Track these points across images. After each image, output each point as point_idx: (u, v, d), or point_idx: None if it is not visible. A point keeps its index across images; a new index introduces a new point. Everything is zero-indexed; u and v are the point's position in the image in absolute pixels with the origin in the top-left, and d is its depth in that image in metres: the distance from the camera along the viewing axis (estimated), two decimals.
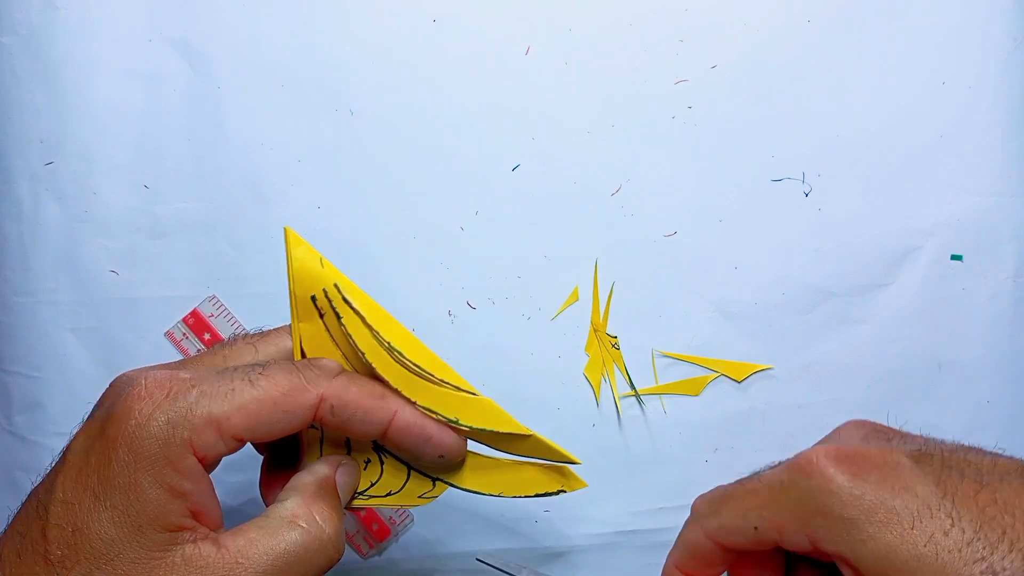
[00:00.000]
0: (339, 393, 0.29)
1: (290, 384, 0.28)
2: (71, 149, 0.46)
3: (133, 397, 0.27)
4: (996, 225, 0.44)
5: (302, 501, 0.29)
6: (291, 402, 0.28)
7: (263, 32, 0.46)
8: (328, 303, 0.31)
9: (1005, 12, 0.44)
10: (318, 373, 0.29)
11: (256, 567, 0.26)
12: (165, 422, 0.26)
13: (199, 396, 0.27)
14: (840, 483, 0.26)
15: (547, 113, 0.45)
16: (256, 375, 0.28)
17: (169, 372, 0.28)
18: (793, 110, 0.45)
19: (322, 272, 0.31)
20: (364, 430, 0.30)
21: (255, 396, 0.27)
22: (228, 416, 0.27)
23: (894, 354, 0.44)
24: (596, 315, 0.45)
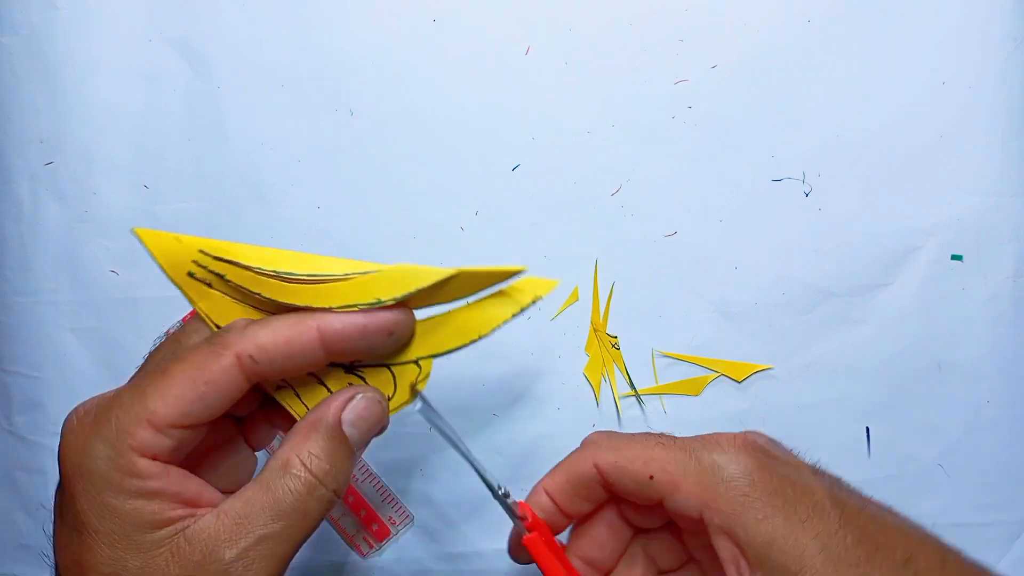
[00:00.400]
0: (252, 342, 0.28)
1: (201, 357, 0.27)
2: (71, 149, 0.46)
3: (67, 432, 0.27)
4: (996, 225, 0.44)
5: (291, 444, 0.28)
6: (207, 372, 0.27)
7: (263, 32, 0.46)
8: (205, 270, 0.30)
9: (1005, 12, 0.44)
10: (226, 335, 0.28)
11: (257, 524, 0.26)
12: (102, 443, 0.26)
13: (119, 406, 0.27)
14: (751, 464, 0.28)
15: (547, 113, 0.45)
16: (167, 362, 0.28)
17: (96, 397, 0.28)
18: (793, 110, 0.45)
19: (182, 247, 0.30)
20: (303, 361, 0.29)
21: (170, 381, 0.27)
22: (153, 410, 0.26)
23: (894, 354, 0.44)
24: (596, 315, 0.45)
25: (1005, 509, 0.44)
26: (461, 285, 0.31)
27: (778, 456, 0.30)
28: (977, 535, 0.44)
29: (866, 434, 0.45)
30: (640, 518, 0.33)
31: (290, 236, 0.45)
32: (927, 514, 0.44)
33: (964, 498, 0.44)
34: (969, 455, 0.44)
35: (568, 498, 0.32)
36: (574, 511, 0.33)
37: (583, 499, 0.32)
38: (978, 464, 0.44)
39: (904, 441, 0.44)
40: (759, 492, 0.28)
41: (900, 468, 0.44)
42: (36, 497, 0.46)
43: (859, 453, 0.44)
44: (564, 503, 0.32)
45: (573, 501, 0.32)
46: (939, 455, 0.44)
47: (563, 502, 0.32)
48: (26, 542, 0.46)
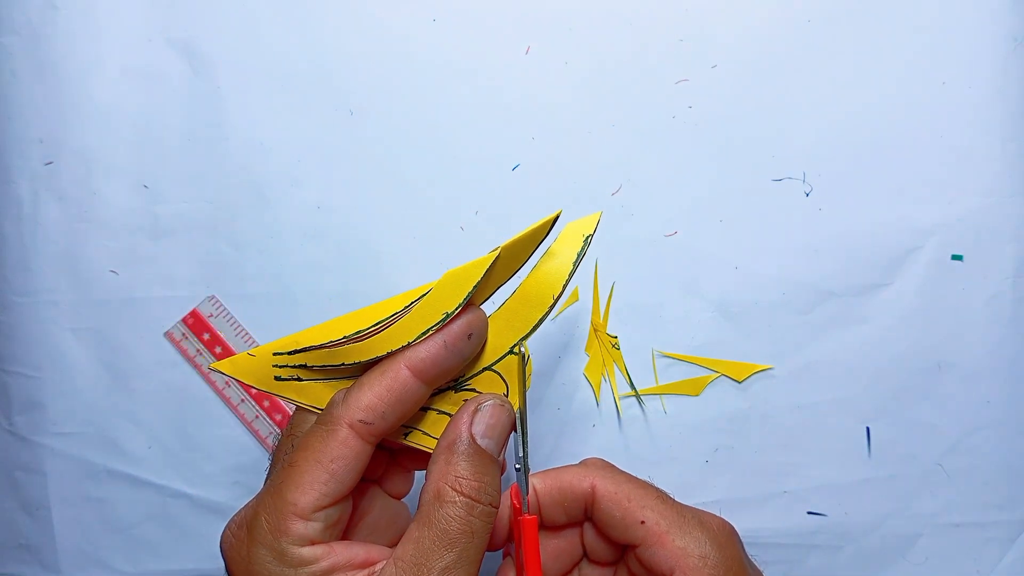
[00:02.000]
0: (357, 406, 0.29)
1: (318, 439, 0.29)
2: (71, 149, 0.46)
3: (228, 550, 0.29)
4: (996, 225, 0.44)
5: (436, 474, 0.29)
6: (329, 451, 0.29)
7: (263, 32, 0.46)
8: (287, 368, 0.31)
9: (1005, 12, 0.44)
10: (332, 410, 0.30)
11: (434, 559, 0.27)
12: (262, 548, 0.28)
13: (264, 510, 0.28)
14: (731, 555, 0.31)
15: (547, 113, 0.45)
16: (291, 455, 0.29)
17: (241, 511, 0.30)
18: (793, 110, 0.45)
19: (258, 360, 0.31)
20: (409, 402, 0.30)
21: (298, 471, 0.28)
22: (294, 502, 0.28)
23: (894, 354, 0.44)
24: (596, 315, 0.45)
25: (1005, 509, 0.44)
26: (511, 259, 0.32)
27: (749, 560, 0.32)
28: (977, 535, 0.44)
29: (866, 434, 0.45)
30: (601, 549, 0.34)
31: (290, 236, 0.45)
32: (927, 514, 0.45)
33: (964, 498, 0.44)
34: (969, 455, 0.44)
35: (552, 504, 0.33)
36: (549, 518, 0.34)
37: (564, 512, 0.33)
38: (978, 464, 0.44)
39: (904, 441, 0.44)
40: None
41: (900, 468, 0.44)
42: (36, 497, 0.46)
43: (859, 453, 0.44)
44: (546, 507, 0.33)
45: (554, 509, 0.33)
46: (939, 455, 0.44)
47: (545, 506, 0.33)
48: (26, 542, 0.46)
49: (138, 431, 0.46)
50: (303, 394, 0.32)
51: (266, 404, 0.46)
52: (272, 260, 0.45)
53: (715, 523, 0.32)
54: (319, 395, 0.32)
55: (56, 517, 0.45)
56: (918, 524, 0.44)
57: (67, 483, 0.46)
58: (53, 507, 0.45)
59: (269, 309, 0.45)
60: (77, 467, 0.45)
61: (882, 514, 0.44)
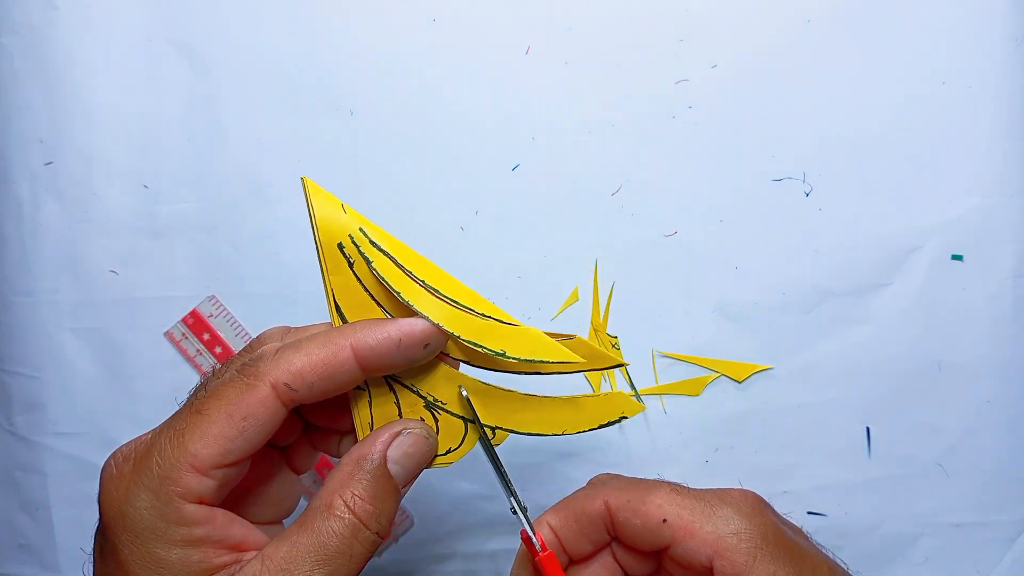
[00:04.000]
0: (286, 369, 0.27)
1: (235, 391, 0.27)
2: (71, 149, 0.46)
3: (107, 480, 0.27)
4: (996, 225, 0.44)
5: (335, 483, 0.28)
6: (244, 407, 0.26)
7: (263, 32, 0.46)
8: (356, 249, 0.30)
9: (1005, 12, 0.44)
10: (257, 365, 0.27)
11: (302, 570, 0.26)
12: (144, 491, 0.26)
13: (159, 451, 0.26)
14: (766, 522, 0.29)
15: (547, 113, 0.45)
16: (201, 400, 0.27)
17: (132, 442, 0.28)
18: (793, 110, 0.45)
19: (345, 218, 0.30)
20: (341, 381, 0.28)
21: (207, 421, 0.26)
22: (193, 453, 0.26)
23: (894, 354, 0.44)
24: (596, 315, 0.45)
25: (1005, 509, 0.44)
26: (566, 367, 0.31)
27: (785, 521, 0.31)
28: (977, 535, 0.44)
29: (866, 434, 0.45)
30: (637, 564, 0.32)
31: (290, 236, 0.45)
32: (927, 514, 0.45)
33: (964, 498, 0.44)
34: (969, 455, 0.44)
35: (572, 535, 0.32)
36: (575, 551, 0.32)
37: (586, 539, 0.32)
38: (978, 464, 0.44)
39: (904, 441, 0.44)
40: (770, 547, 0.28)
41: (900, 468, 0.44)
42: (36, 497, 0.46)
43: (859, 453, 0.44)
44: (567, 540, 0.32)
45: (576, 540, 0.32)
46: (939, 455, 0.44)
47: (566, 539, 0.32)
48: (26, 542, 0.46)
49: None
50: (338, 277, 0.30)
51: None
52: (272, 260, 0.45)
53: (737, 495, 0.30)
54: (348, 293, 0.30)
55: (56, 517, 0.45)
56: (918, 524, 0.44)
57: (67, 483, 0.46)
58: (53, 507, 0.45)
59: (269, 309, 0.45)
60: (77, 467, 0.45)
61: (882, 514, 0.44)
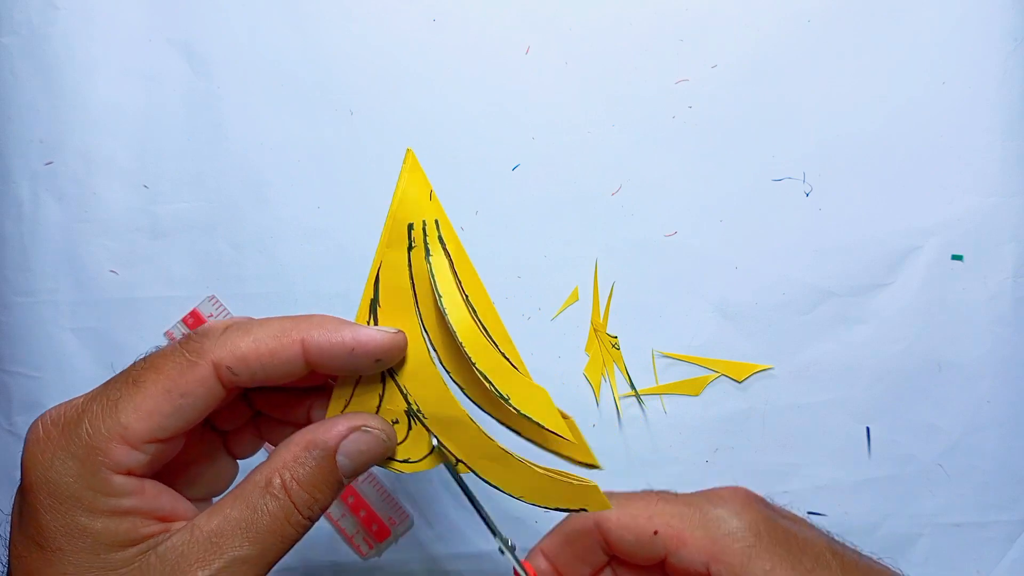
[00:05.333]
0: (230, 351, 0.26)
1: (174, 366, 0.26)
2: (71, 149, 0.46)
3: (32, 443, 0.26)
4: (996, 225, 0.44)
5: (278, 460, 0.27)
6: (183, 383, 0.26)
7: (263, 32, 0.46)
8: (423, 235, 0.30)
9: (1005, 12, 0.44)
10: (201, 342, 0.26)
11: (232, 544, 0.25)
12: (70, 457, 0.25)
13: (90, 418, 0.25)
14: (757, 517, 0.28)
15: (547, 113, 0.45)
16: (139, 371, 0.26)
17: (63, 404, 0.27)
18: (793, 110, 0.45)
19: (427, 204, 0.30)
20: (282, 373, 0.27)
21: (143, 394, 0.25)
22: (124, 425, 0.25)
23: (894, 354, 0.44)
24: (596, 315, 0.45)
25: (1005, 509, 0.44)
26: (557, 444, 0.31)
27: (777, 510, 0.30)
28: (977, 535, 0.44)
29: (866, 434, 0.45)
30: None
31: (290, 236, 0.45)
32: (927, 514, 0.45)
33: (964, 498, 0.44)
34: (969, 455, 0.44)
35: (567, 561, 0.31)
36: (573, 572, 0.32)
37: (582, 561, 0.31)
38: (978, 464, 0.44)
39: (904, 441, 0.44)
40: (764, 544, 0.28)
41: (900, 468, 0.44)
42: None
43: (859, 453, 0.44)
44: (564, 566, 0.31)
45: (572, 564, 0.31)
46: (939, 455, 0.44)
47: (563, 565, 0.31)
48: None
49: None
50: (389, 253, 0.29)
51: None
52: (272, 260, 0.45)
53: (726, 494, 0.30)
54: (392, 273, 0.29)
55: None
56: (918, 524, 0.44)
57: None
58: None
59: (269, 309, 0.45)
60: None
61: (882, 514, 0.44)
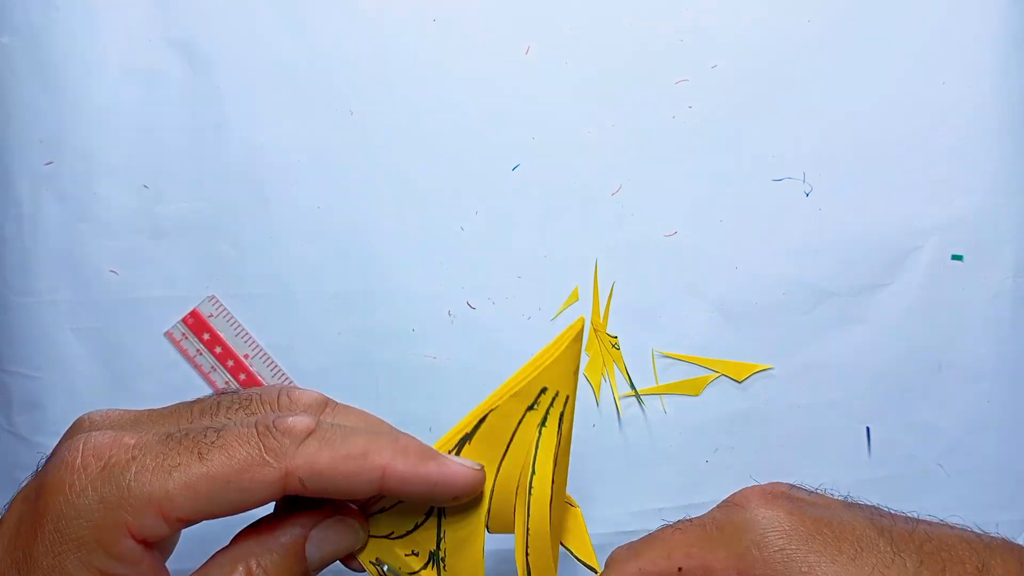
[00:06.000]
0: (309, 463, 0.24)
1: (247, 457, 0.24)
2: (71, 149, 0.46)
3: (66, 466, 0.24)
4: (996, 225, 0.44)
5: (245, 546, 0.25)
6: (248, 479, 0.24)
7: (263, 32, 0.46)
8: (549, 404, 0.28)
9: (1005, 12, 0.44)
10: (282, 441, 0.25)
11: None
12: (98, 501, 0.23)
13: (138, 471, 0.23)
14: (779, 515, 0.26)
15: (547, 113, 0.45)
16: (208, 444, 0.24)
17: (113, 436, 0.25)
18: (793, 110, 0.45)
19: (571, 377, 0.28)
20: (351, 493, 0.26)
21: (203, 473, 0.24)
22: (171, 496, 0.23)
23: (894, 354, 0.44)
24: (596, 315, 0.45)
25: (1005, 509, 0.44)
26: None
27: (804, 498, 0.27)
28: None
29: (866, 434, 0.45)
30: None
31: (290, 236, 0.45)
32: (927, 514, 0.44)
33: (964, 498, 0.44)
34: (969, 455, 0.44)
35: None
36: None
37: None
38: (978, 464, 0.44)
39: (904, 441, 0.44)
40: (796, 543, 0.25)
41: (900, 468, 0.44)
42: None
43: (859, 453, 0.44)
44: None
45: None
46: (939, 455, 0.44)
47: None
48: None
49: None
50: (509, 408, 0.28)
51: None
52: (272, 260, 0.45)
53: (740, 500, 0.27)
54: (498, 427, 0.27)
55: None
56: None
57: None
58: None
59: (269, 309, 0.45)
60: None
61: None
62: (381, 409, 0.45)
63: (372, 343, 0.45)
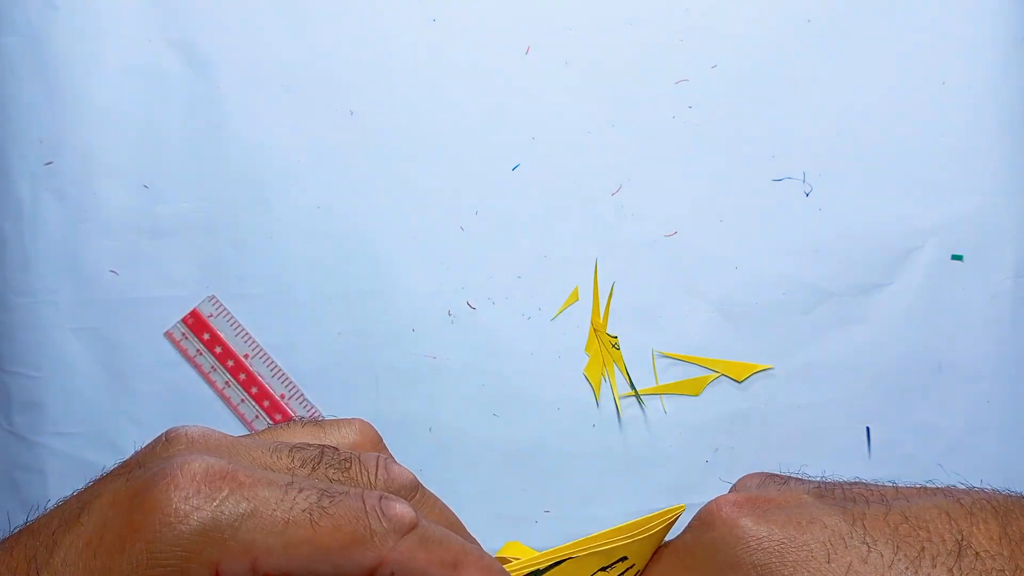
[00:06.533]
0: (404, 560, 0.24)
1: (351, 534, 0.23)
2: (71, 149, 0.46)
3: (175, 486, 0.22)
4: (996, 225, 0.44)
5: None
6: (346, 557, 0.23)
7: (263, 32, 0.46)
8: (621, 573, 0.28)
9: (1005, 12, 0.44)
10: (387, 528, 0.24)
11: None
12: (200, 532, 0.22)
13: (249, 517, 0.23)
14: (746, 528, 0.25)
15: (547, 113, 0.45)
16: (320, 511, 0.24)
17: (227, 467, 0.24)
18: (793, 110, 0.45)
19: (648, 555, 0.29)
20: None
21: (310, 538, 0.23)
22: (271, 551, 0.22)
23: (894, 354, 0.44)
24: (596, 315, 0.45)
25: None
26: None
27: (773, 499, 0.27)
28: None
29: (866, 434, 0.45)
30: None
31: (290, 236, 0.45)
32: None
33: None
34: (969, 455, 0.44)
35: None
36: None
37: None
38: (978, 464, 0.44)
39: (904, 441, 0.44)
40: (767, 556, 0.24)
41: (900, 468, 0.44)
42: (36, 497, 0.46)
43: (859, 453, 0.44)
44: None
45: None
46: (939, 455, 0.44)
47: None
48: None
49: (138, 431, 0.46)
50: (578, 568, 0.28)
51: (266, 404, 0.46)
52: (272, 260, 0.45)
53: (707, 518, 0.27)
54: None
55: None
56: None
57: (67, 483, 0.46)
58: None
59: (269, 309, 0.45)
60: (77, 467, 0.45)
61: None
62: (381, 409, 0.45)
63: (372, 343, 0.45)
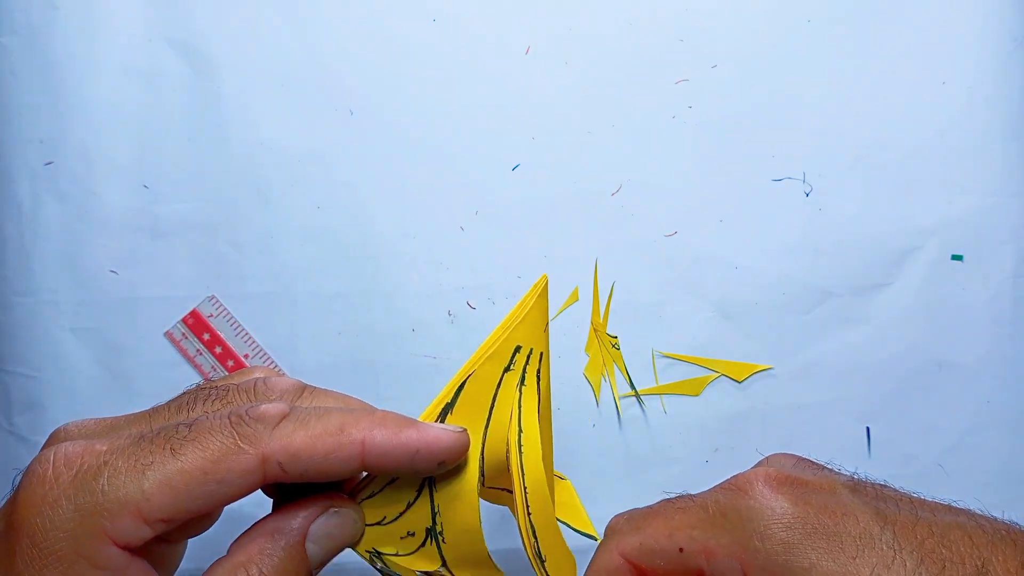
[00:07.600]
0: (285, 446, 0.24)
1: (221, 447, 0.23)
2: (71, 149, 0.46)
3: (38, 479, 0.23)
4: (996, 225, 0.44)
5: (245, 551, 0.24)
6: (224, 469, 0.23)
7: (263, 32, 0.46)
8: (525, 362, 0.28)
9: (1005, 12, 0.44)
10: (256, 427, 0.24)
11: None
12: (72, 511, 0.22)
13: (110, 475, 0.22)
14: (783, 504, 0.25)
15: (547, 113, 0.45)
16: (180, 440, 0.24)
17: (84, 444, 0.24)
18: (793, 110, 0.45)
19: (542, 334, 0.28)
20: (333, 472, 0.25)
21: (178, 468, 0.23)
22: (147, 496, 0.22)
23: (894, 354, 0.44)
24: (596, 315, 0.45)
25: (1005, 509, 0.44)
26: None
27: (810, 482, 0.26)
28: None
29: (866, 434, 0.45)
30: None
31: (290, 236, 0.45)
32: None
33: (964, 498, 0.44)
34: (969, 455, 0.44)
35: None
36: None
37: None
38: (978, 464, 0.44)
39: (904, 441, 0.44)
40: (798, 535, 0.24)
41: (900, 468, 0.44)
42: None
43: (859, 453, 0.44)
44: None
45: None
46: (939, 455, 0.44)
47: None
48: None
49: None
50: (487, 371, 0.28)
51: None
52: (272, 260, 0.45)
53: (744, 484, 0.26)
54: (478, 391, 0.27)
55: None
56: None
57: None
58: None
59: (269, 309, 0.45)
60: None
61: None
62: None
63: (372, 343, 0.45)
